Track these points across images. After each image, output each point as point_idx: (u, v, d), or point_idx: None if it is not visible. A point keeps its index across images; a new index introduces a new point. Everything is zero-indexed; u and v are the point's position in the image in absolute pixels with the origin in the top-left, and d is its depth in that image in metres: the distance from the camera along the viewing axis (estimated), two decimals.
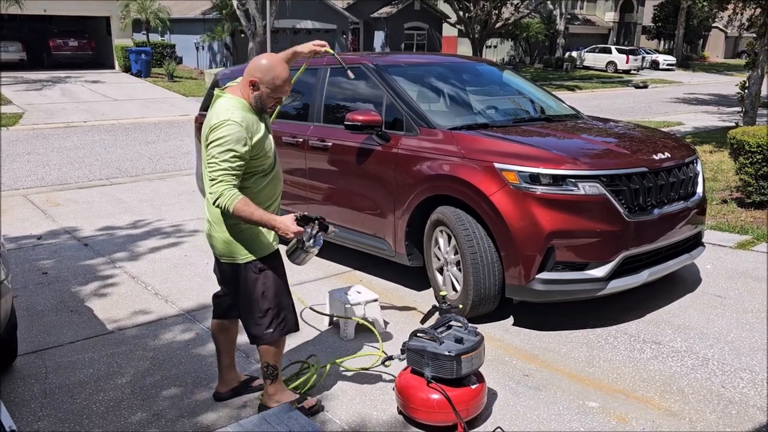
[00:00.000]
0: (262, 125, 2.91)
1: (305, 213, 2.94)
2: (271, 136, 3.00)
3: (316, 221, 2.92)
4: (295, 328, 3.11)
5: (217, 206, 2.77)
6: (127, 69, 23.63)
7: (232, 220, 2.89)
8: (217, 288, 3.32)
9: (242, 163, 2.78)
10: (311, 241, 2.91)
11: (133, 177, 9.20)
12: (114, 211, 7.27)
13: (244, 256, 2.94)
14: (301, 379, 3.44)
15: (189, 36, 27.09)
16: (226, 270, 3.04)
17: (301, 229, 2.84)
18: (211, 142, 2.77)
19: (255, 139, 2.82)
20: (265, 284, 2.96)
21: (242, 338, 4.02)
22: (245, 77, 2.87)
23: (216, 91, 2.96)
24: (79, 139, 12.57)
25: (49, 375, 3.59)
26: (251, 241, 2.93)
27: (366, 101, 4.89)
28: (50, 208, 7.36)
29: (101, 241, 6.11)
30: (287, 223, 2.81)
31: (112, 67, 24.96)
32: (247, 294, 2.98)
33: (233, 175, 2.75)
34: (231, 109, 2.80)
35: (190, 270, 5.28)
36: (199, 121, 6.49)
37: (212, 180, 2.77)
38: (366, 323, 3.91)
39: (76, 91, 19.17)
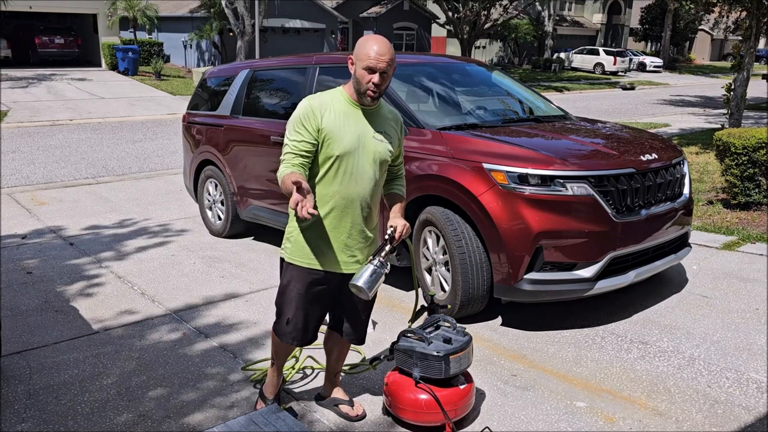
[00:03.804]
0: (348, 114, 2.71)
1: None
2: (360, 131, 2.71)
3: (388, 240, 2.71)
4: (283, 338, 2.93)
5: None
6: (113, 67, 23.44)
7: (296, 222, 2.81)
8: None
9: (304, 141, 2.64)
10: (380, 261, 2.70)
11: (119, 176, 9.13)
12: (100, 210, 7.21)
13: (283, 250, 2.89)
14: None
15: (177, 34, 26.95)
16: None
17: (308, 215, 2.36)
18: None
19: (326, 123, 2.65)
20: (282, 282, 2.89)
21: (232, 337, 4.01)
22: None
23: None
24: (64, 137, 12.46)
25: (33, 376, 3.55)
26: (296, 245, 2.82)
27: None
28: (35, 207, 7.29)
29: (87, 241, 6.05)
30: (302, 201, 2.40)
31: (99, 65, 24.75)
32: None
33: (294, 153, 2.64)
34: (317, 94, 2.75)
35: (177, 270, 5.25)
36: (187, 120, 6.44)
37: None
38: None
39: (62, 89, 18.99)
